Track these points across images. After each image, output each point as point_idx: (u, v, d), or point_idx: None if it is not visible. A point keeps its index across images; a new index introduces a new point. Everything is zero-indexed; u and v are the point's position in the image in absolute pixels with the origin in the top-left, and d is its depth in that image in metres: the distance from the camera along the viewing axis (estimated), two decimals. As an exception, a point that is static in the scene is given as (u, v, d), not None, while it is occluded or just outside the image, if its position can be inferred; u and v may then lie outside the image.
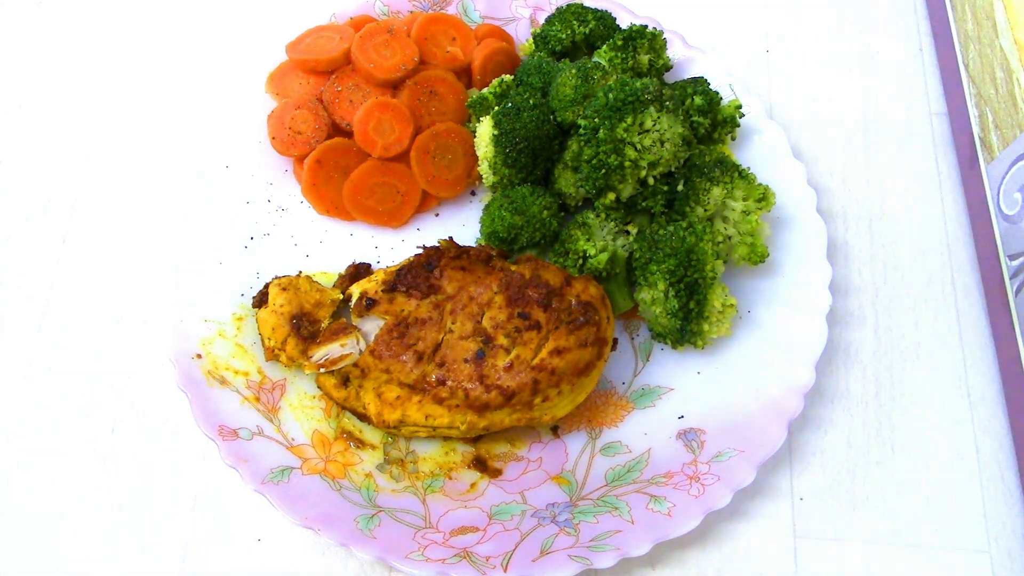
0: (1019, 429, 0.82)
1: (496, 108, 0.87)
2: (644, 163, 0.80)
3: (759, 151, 0.93)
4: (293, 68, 0.95)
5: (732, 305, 0.81)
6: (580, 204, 0.90)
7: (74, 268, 0.92)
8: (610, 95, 0.79)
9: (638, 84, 0.79)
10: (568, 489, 0.78)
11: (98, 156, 0.98)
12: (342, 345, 0.77)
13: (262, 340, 0.81)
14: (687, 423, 0.81)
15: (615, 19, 0.96)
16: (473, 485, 0.78)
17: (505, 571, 0.71)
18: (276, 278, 0.83)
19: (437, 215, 0.93)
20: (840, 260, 0.93)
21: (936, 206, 0.96)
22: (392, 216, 0.91)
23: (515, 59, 0.98)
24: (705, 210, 0.84)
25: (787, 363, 0.81)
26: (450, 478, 0.78)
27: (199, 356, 0.81)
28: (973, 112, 0.95)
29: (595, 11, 0.95)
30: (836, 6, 1.10)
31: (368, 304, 0.78)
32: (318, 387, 0.81)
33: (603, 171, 0.80)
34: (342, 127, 0.91)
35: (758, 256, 0.84)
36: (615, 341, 0.81)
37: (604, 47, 0.90)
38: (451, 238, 0.81)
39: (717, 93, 0.90)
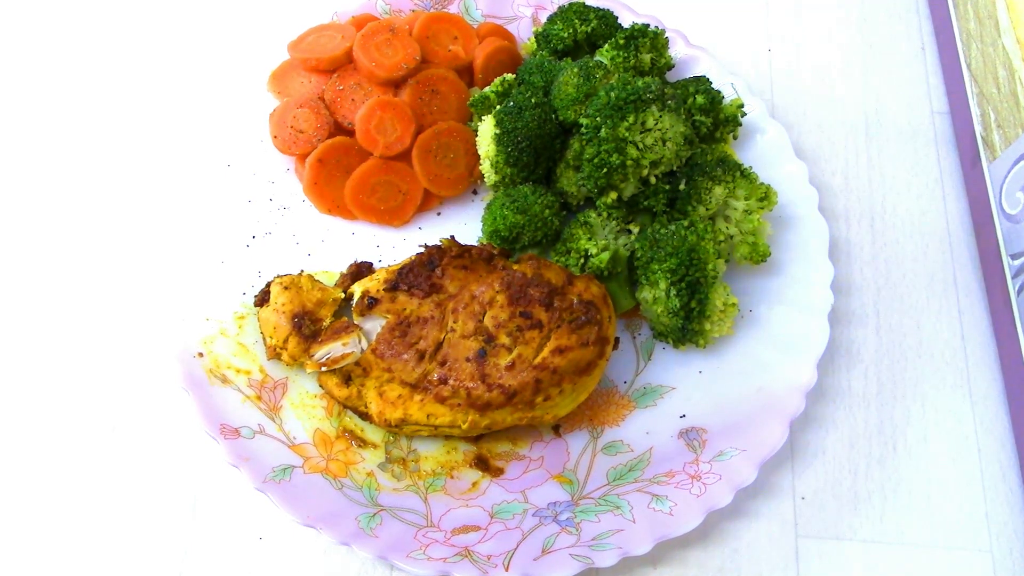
0: (1021, 428, 0.82)
1: (498, 107, 0.87)
2: (646, 162, 0.80)
3: (761, 150, 0.93)
4: (295, 67, 0.95)
5: (734, 304, 0.81)
6: (582, 203, 0.90)
7: (74, 267, 0.91)
8: (612, 94, 0.79)
9: (640, 83, 0.79)
10: (570, 488, 0.78)
11: (99, 155, 0.98)
12: (344, 344, 0.77)
13: (264, 339, 0.81)
14: (688, 422, 0.81)
15: (617, 18, 0.96)
16: (475, 484, 0.78)
17: (506, 570, 0.71)
18: (278, 277, 0.83)
19: (439, 214, 0.93)
20: (842, 259, 0.93)
21: (938, 205, 0.96)
22: (394, 215, 0.91)
23: (517, 58, 0.98)
24: (707, 209, 0.84)
25: (789, 362, 0.81)
26: (452, 477, 0.78)
27: (201, 355, 0.81)
28: (975, 111, 0.95)
29: (597, 10, 0.95)
30: (838, 5, 1.10)
31: (370, 303, 0.78)
32: (320, 386, 0.81)
33: (605, 170, 0.80)
34: (344, 126, 0.91)
35: (760, 255, 0.84)
36: (617, 340, 0.81)
37: (606, 46, 0.90)
38: (453, 237, 0.81)
39: (719, 92, 0.90)
